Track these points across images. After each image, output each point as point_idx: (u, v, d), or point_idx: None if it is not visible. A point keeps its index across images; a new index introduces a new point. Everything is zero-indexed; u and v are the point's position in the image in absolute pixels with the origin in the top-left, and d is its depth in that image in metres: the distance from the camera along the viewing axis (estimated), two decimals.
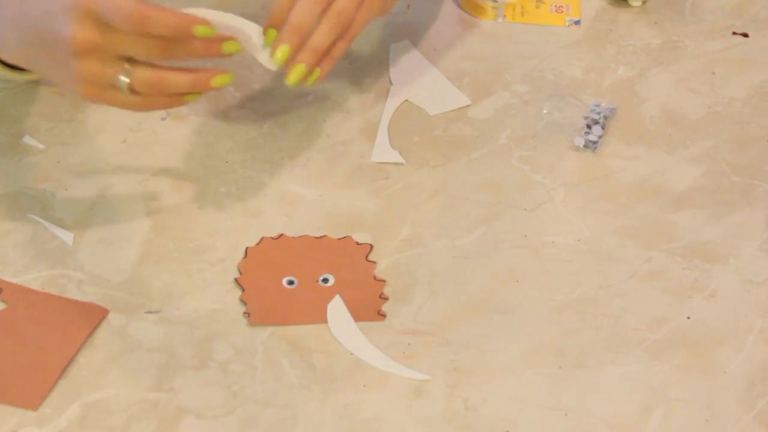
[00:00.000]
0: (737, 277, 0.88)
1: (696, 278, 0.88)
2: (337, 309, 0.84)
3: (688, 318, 0.85)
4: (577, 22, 1.12)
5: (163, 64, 0.82)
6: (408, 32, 1.09)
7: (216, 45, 0.82)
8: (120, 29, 0.78)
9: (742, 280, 0.88)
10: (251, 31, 0.86)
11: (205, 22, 0.80)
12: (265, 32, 0.87)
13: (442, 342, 0.83)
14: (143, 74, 0.80)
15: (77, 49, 0.78)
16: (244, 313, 0.84)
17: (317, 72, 0.88)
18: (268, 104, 1.01)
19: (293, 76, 0.87)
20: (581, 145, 0.98)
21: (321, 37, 0.87)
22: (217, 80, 0.83)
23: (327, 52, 0.88)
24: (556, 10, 1.13)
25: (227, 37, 0.83)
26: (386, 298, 0.85)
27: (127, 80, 0.80)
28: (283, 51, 0.86)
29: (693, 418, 0.79)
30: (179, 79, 0.82)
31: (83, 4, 0.78)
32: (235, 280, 0.86)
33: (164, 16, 0.78)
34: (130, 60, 0.80)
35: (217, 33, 0.81)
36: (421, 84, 1.04)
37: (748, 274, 0.88)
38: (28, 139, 0.96)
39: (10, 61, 0.88)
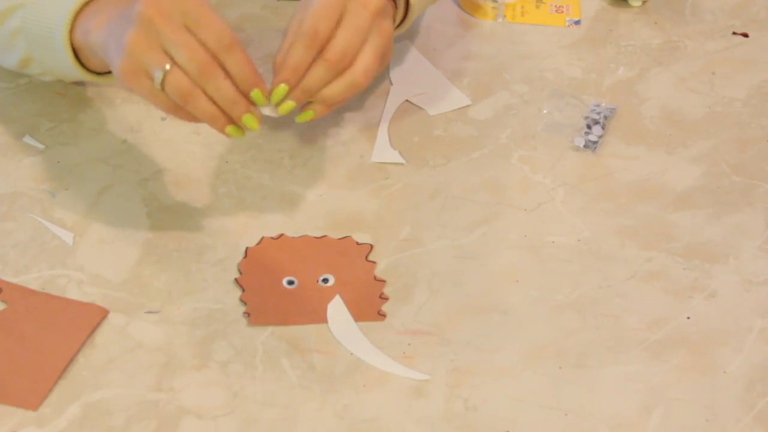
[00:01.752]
0: (737, 277, 0.88)
1: (696, 278, 0.88)
2: (337, 309, 0.84)
3: (688, 318, 0.85)
4: (577, 22, 1.12)
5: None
6: (408, 32, 1.09)
7: (244, 103, 0.82)
8: (186, 30, 0.78)
9: (742, 280, 0.88)
10: None
11: (265, 89, 0.82)
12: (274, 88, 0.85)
13: (442, 342, 0.83)
14: (179, 79, 0.79)
15: (141, 14, 0.78)
16: (244, 313, 0.84)
17: (310, 113, 0.87)
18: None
19: (281, 108, 0.85)
20: (581, 145, 0.98)
21: (313, 79, 0.85)
22: (231, 129, 0.82)
23: (320, 93, 0.86)
24: (556, 10, 1.13)
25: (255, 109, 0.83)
26: (386, 298, 0.85)
27: (162, 75, 0.79)
28: (279, 90, 0.84)
29: (693, 418, 0.79)
30: (204, 107, 0.81)
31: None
32: (235, 280, 0.86)
33: (244, 57, 0.80)
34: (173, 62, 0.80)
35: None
36: (421, 84, 1.04)
37: (748, 274, 0.88)
38: (28, 139, 0.96)
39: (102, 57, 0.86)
